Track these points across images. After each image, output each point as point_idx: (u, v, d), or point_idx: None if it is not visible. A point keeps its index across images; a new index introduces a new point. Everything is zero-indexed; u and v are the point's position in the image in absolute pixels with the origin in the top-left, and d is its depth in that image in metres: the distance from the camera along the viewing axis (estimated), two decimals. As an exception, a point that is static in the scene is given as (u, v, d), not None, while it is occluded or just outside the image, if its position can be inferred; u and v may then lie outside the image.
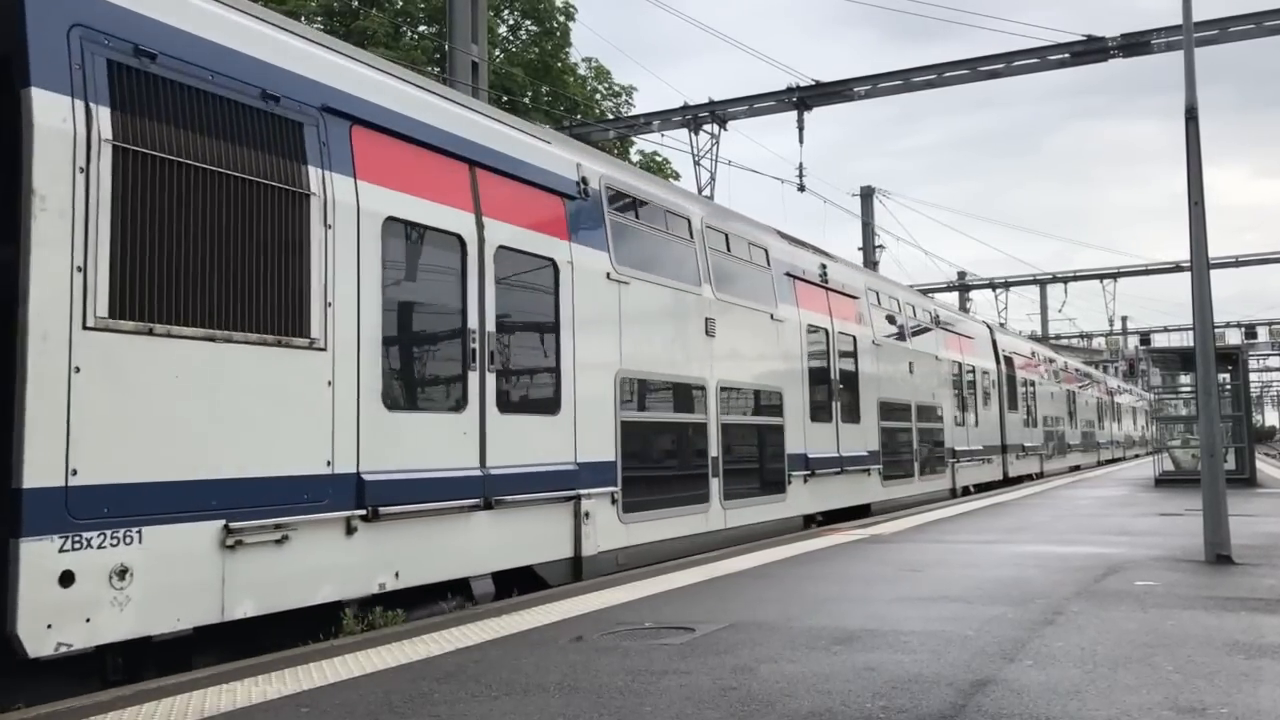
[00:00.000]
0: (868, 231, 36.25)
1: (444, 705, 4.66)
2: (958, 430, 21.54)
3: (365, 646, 6.00)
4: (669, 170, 32.02)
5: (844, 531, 12.85)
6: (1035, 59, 19.34)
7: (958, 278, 49.95)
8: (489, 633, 6.38)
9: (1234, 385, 22.44)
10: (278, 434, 6.32)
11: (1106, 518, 14.45)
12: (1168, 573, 8.57)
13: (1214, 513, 9.27)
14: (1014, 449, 26.20)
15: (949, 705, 4.46)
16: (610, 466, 9.65)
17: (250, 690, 4.98)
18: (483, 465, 7.94)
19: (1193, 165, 9.65)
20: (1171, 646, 5.59)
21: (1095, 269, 48.20)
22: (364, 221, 7.07)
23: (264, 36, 6.66)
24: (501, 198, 8.57)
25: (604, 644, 5.97)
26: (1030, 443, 28.31)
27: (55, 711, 4.69)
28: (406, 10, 29.07)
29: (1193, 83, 9.77)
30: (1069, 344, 59.00)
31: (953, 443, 20.90)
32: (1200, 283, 9.56)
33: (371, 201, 7.17)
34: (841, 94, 20.73)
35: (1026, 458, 27.63)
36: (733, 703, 4.58)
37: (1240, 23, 17.87)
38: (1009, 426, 25.62)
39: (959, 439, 21.55)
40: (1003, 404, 25.37)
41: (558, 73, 30.33)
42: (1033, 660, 5.31)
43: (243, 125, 6.30)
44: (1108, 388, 47.68)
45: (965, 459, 21.57)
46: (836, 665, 5.28)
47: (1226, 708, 4.35)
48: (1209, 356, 9.63)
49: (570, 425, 9.12)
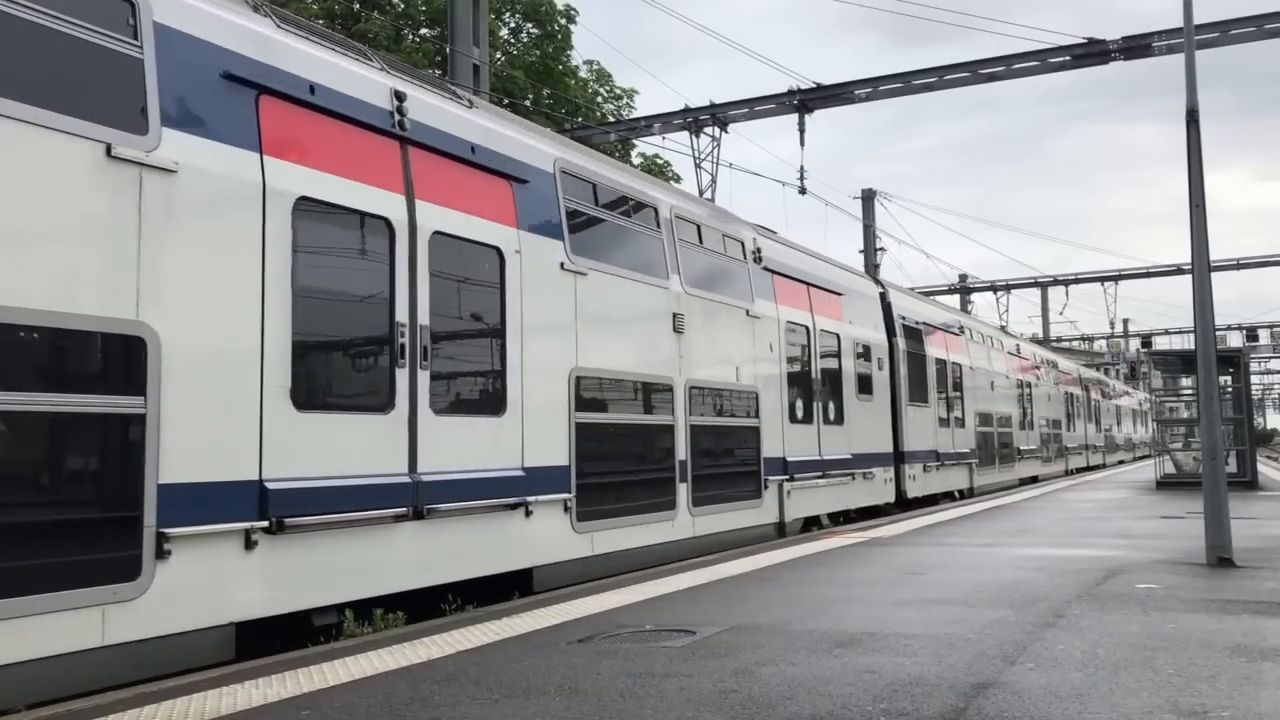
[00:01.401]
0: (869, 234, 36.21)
1: (445, 708, 4.66)
2: (795, 431, 13.90)
3: (366, 649, 6.00)
4: (670, 173, 32.02)
5: (845, 534, 12.84)
6: (1036, 61, 19.32)
7: (959, 280, 49.92)
8: (490, 635, 6.38)
9: (1235, 388, 22.45)
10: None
11: (1107, 521, 14.44)
12: (1169, 576, 8.56)
13: (1215, 515, 9.26)
14: (919, 459, 18.88)
15: (950, 708, 4.45)
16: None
17: (251, 693, 4.98)
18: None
19: (1194, 167, 9.65)
20: (1173, 649, 5.58)
21: (1096, 271, 48.11)
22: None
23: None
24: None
25: (605, 647, 5.97)
26: (954, 448, 21.17)
27: (55, 714, 4.69)
28: (408, 13, 29.10)
29: (1193, 85, 9.77)
30: (1070, 346, 58.99)
31: (771, 451, 13.15)
32: (1201, 285, 9.55)
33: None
34: (842, 96, 20.72)
35: (942, 469, 20.18)
36: (733, 705, 4.57)
37: (1241, 25, 17.86)
38: (909, 427, 18.52)
39: (796, 443, 13.88)
40: (897, 394, 18.19)
41: (559, 75, 30.34)
42: (1034, 663, 5.31)
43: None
44: (1081, 379, 40.65)
45: (802, 478, 13.85)
46: (837, 668, 5.27)
47: (1228, 711, 4.34)
48: (1210, 359, 9.63)
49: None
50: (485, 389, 8.44)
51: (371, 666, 5.53)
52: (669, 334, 10.94)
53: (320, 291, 6.90)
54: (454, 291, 8.06)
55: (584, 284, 9.57)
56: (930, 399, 19.99)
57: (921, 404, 19.44)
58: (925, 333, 20.30)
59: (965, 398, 22.33)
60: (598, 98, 32.03)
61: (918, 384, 19.41)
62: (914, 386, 19.13)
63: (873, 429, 16.87)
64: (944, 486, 20.27)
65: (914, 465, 18.56)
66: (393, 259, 7.38)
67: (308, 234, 6.76)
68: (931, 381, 20.22)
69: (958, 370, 22.02)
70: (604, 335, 9.88)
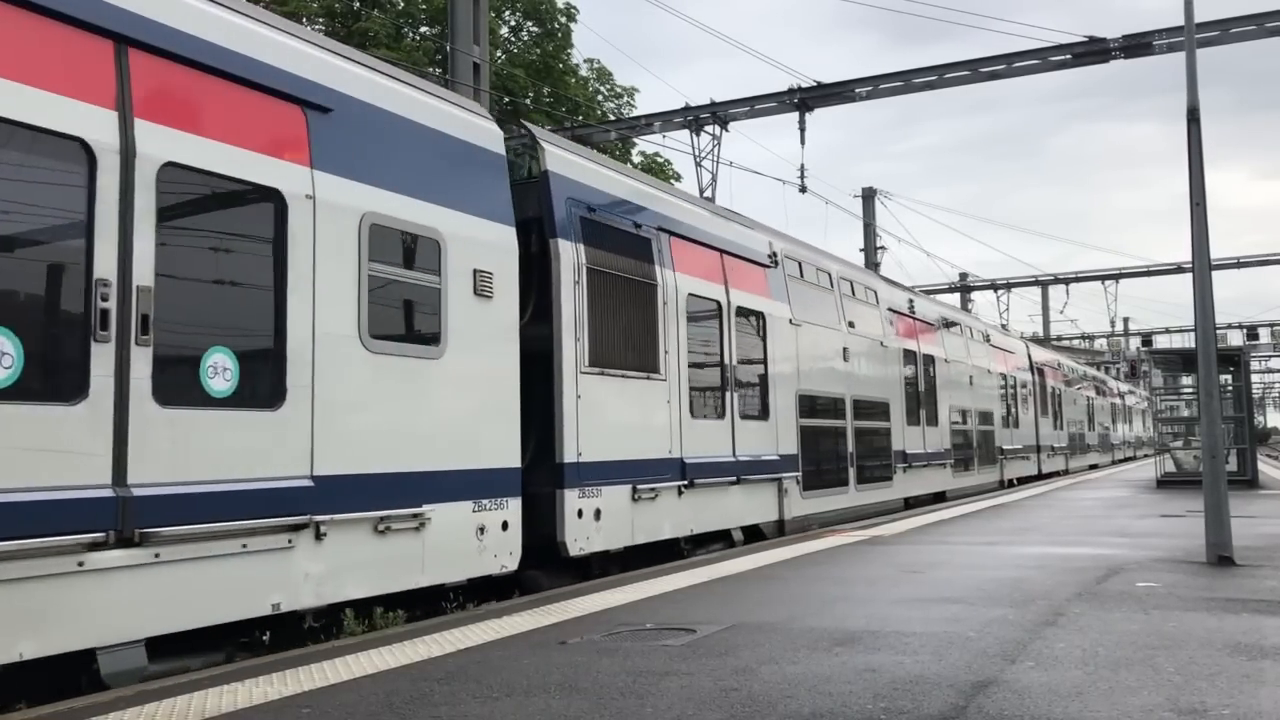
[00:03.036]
0: (869, 233, 36.24)
1: (445, 706, 4.66)
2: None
3: (367, 647, 6.00)
4: (670, 171, 32.01)
5: (846, 533, 12.84)
6: (1037, 60, 19.32)
7: (959, 279, 49.91)
8: (490, 633, 6.38)
9: (1236, 386, 22.45)
10: None
11: (1107, 519, 14.44)
12: (1169, 574, 8.56)
13: (1216, 514, 9.26)
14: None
15: (950, 706, 4.46)
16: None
17: (251, 691, 4.98)
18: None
19: (1194, 166, 9.65)
20: (1173, 648, 5.58)
21: (1097, 270, 48.05)
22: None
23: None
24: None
25: (605, 645, 5.97)
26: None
27: (58, 712, 4.69)
28: (408, 11, 29.09)
29: (1194, 84, 9.77)
30: (1071, 345, 58.98)
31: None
32: (1202, 283, 9.55)
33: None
34: (843, 95, 20.72)
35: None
36: (734, 704, 4.58)
37: (1241, 24, 17.85)
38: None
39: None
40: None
41: (559, 74, 30.33)
42: (1034, 661, 5.31)
43: None
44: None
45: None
46: (837, 666, 5.28)
47: (1228, 709, 4.34)
48: (1211, 358, 9.63)
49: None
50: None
51: (372, 665, 5.54)
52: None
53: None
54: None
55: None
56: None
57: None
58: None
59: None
60: (598, 96, 32.03)
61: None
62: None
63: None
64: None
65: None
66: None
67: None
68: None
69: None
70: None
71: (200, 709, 4.66)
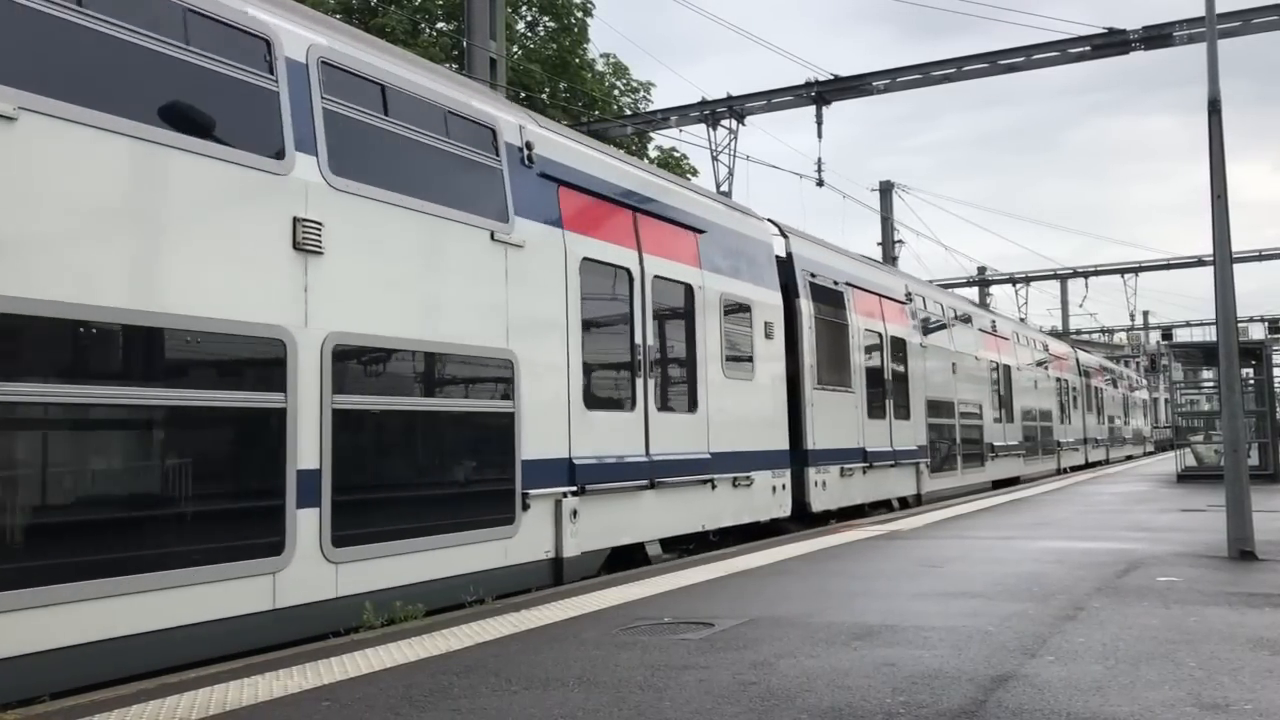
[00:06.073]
0: (887, 226, 36.12)
1: (464, 699, 4.68)
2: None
3: (385, 641, 6.03)
4: (687, 166, 31.96)
5: (863, 528, 12.82)
6: (1055, 52, 19.19)
7: (978, 273, 49.67)
8: (508, 627, 6.40)
9: (1257, 380, 22.26)
10: None
11: (1127, 514, 14.36)
12: (1190, 569, 8.50)
13: (1237, 508, 9.19)
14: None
15: (970, 700, 4.44)
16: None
17: (271, 684, 5.02)
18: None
19: (1215, 158, 9.55)
20: (1194, 643, 5.55)
21: (1116, 264, 47.65)
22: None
23: None
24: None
25: (623, 639, 5.98)
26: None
27: (78, 704, 4.73)
28: (425, 7, 29.10)
29: (1215, 75, 9.67)
30: (1090, 339, 58.62)
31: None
32: (1223, 276, 9.48)
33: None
34: (860, 88, 20.63)
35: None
36: (752, 698, 4.58)
37: (1264, 14, 17.66)
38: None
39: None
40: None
41: (575, 69, 30.30)
42: (1054, 656, 5.29)
43: None
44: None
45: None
46: (856, 660, 5.27)
47: (1250, 704, 4.31)
48: (1232, 351, 9.55)
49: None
50: None
51: (391, 658, 5.56)
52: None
53: None
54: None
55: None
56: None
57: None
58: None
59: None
60: (614, 91, 31.98)
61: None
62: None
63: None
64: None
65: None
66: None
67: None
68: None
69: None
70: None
71: (221, 701, 4.69)
